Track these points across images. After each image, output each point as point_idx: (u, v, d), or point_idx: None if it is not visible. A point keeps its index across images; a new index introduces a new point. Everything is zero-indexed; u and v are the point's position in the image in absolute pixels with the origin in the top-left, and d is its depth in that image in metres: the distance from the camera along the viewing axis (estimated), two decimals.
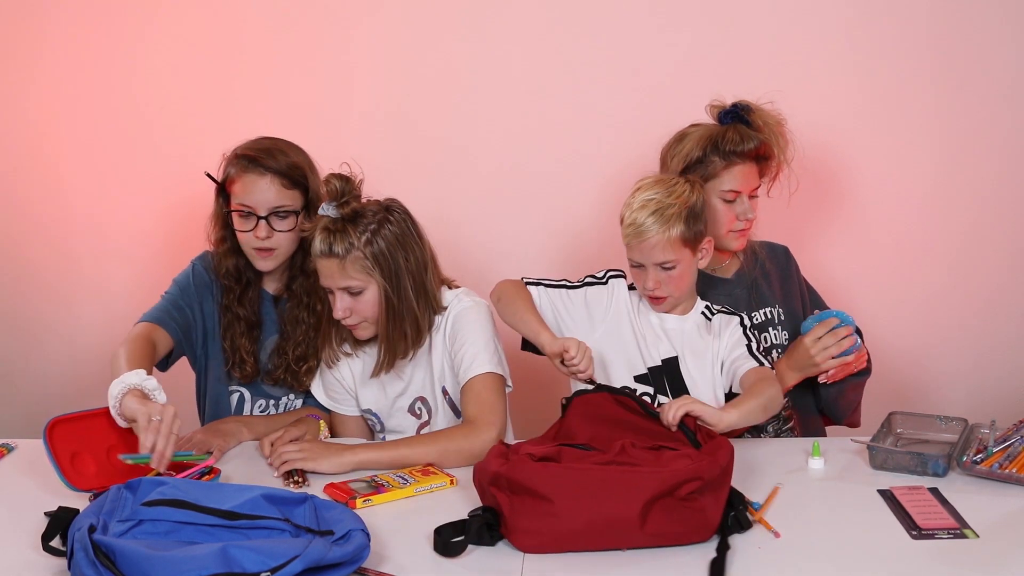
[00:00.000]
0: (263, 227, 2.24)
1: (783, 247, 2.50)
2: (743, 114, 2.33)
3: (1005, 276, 2.92)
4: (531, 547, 1.66)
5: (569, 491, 1.65)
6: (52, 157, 2.97)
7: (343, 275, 2.12)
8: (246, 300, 2.34)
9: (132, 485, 1.69)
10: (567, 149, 2.91)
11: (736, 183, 2.31)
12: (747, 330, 2.22)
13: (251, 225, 2.25)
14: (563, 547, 1.65)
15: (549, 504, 1.64)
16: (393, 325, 2.16)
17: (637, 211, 2.15)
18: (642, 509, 1.63)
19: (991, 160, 2.88)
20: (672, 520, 1.65)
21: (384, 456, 2.04)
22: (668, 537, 1.66)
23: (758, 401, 2.01)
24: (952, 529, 1.72)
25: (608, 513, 1.64)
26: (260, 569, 1.45)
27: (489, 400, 2.11)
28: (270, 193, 2.25)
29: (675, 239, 2.13)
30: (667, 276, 2.16)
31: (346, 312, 2.15)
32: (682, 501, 1.66)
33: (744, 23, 2.86)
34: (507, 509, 1.68)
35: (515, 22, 2.89)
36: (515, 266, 2.94)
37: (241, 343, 2.32)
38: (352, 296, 2.14)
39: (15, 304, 3.03)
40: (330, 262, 2.12)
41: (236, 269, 2.33)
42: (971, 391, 2.90)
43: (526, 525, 1.66)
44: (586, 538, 1.65)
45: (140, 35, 2.92)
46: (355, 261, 2.11)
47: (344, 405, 2.34)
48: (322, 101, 2.93)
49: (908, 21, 2.84)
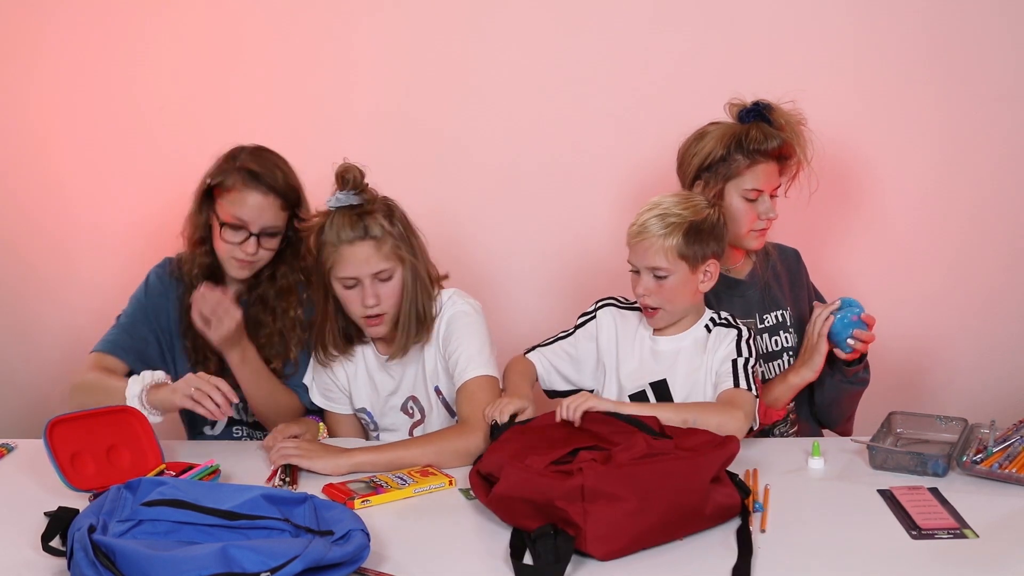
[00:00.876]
0: (252, 243, 2.24)
1: (793, 250, 2.50)
2: (765, 113, 2.31)
3: (1005, 276, 2.92)
4: (611, 552, 1.62)
5: (643, 488, 1.65)
6: (52, 158, 2.96)
7: (378, 258, 2.12)
8: None
9: (132, 485, 1.69)
10: (568, 148, 2.91)
11: (759, 182, 2.30)
12: (743, 342, 2.16)
13: (240, 239, 2.24)
14: (639, 545, 1.64)
15: (626, 504, 1.63)
16: (411, 308, 2.17)
17: (644, 212, 2.15)
18: (705, 493, 1.69)
19: (991, 160, 2.88)
20: (719, 500, 1.71)
21: (380, 459, 2.04)
22: (716, 517, 1.71)
23: (682, 415, 1.98)
24: (952, 529, 1.72)
25: (681, 502, 1.67)
26: (260, 569, 1.45)
27: (483, 401, 2.11)
28: (268, 213, 2.25)
29: (670, 248, 2.10)
30: (658, 286, 2.12)
31: (376, 300, 2.14)
32: (717, 483, 1.73)
33: (748, 24, 2.85)
34: (580, 519, 1.62)
35: (516, 21, 2.89)
36: (515, 266, 2.95)
37: (204, 341, 2.29)
38: (381, 283, 2.14)
39: (15, 304, 3.02)
40: (365, 246, 2.11)
41: (209, 269, 2.33)
42: (971, 391, 2.90)
43: (605, 531, 1.62)
44: (660, 532, 1.66)
45: (140, 35, 2.91)
46: (387, 243, 2.12)
47: (338, 404, 2.35)
48: (322, 100, 2.92)
49: (910, 22, 2.83)
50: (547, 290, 2.97)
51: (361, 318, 2.18)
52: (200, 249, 2.32)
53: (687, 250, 2.11)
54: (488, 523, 1.77)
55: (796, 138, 2.32)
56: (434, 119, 2.91)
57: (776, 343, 2.36)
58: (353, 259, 2.12)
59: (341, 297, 2.18)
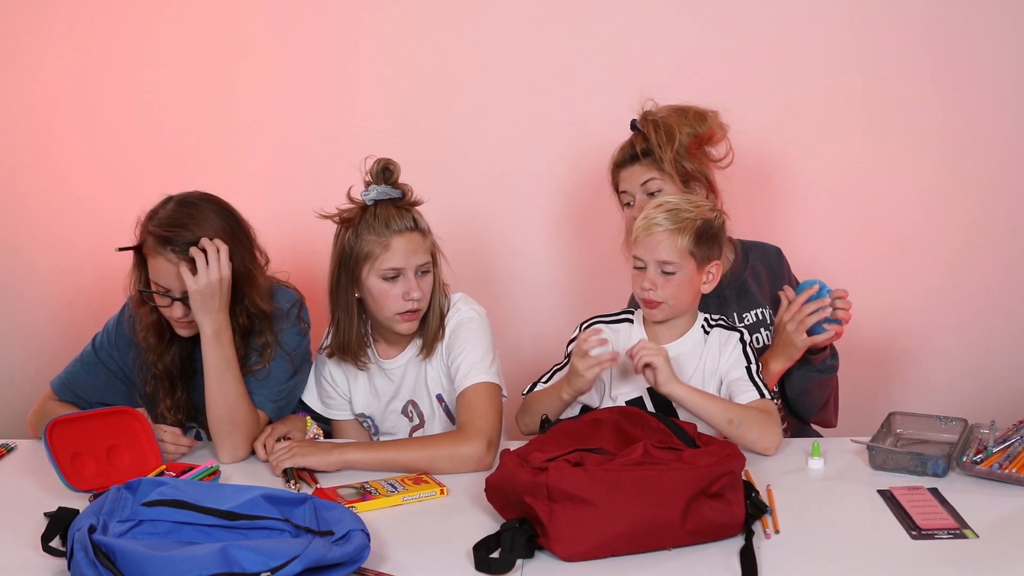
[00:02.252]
0: (178, 307, 2.14)
1: (775, 248, 2.50)
2: (635, 125, 2.40)
3: (1005, 276, 2.92)
4: (574, 555, 1.62)
5: (612, 494, 1.63)
6: (53, 158, 2.97)
7: (423, 250, 2.15)
8: (167, 356, 2.24)
9: (132, 485, 1.69)
10: (570, 147, 2.91)
11: (626, 185, 2.38)
12: (747, 347, 2.16)
13: (167, 303, 2.15)
14: (606, 552, 1.63)
15: (593, 508, 1.62)
16: (437, 306, 2.20)
17: (652, 209, 2.14)
18: (684, 507, 1.64)
19: (991, 160, 2.88)
20: (708, 517, 1.67)
21: (372, 457, 2.03)
22: (706, 534, 1.67)
23: (730, 415, 2.01)
24: (952, 529, 1.72)
25: (653, 513, 1.63)
26: (260, 569, 1.45)
27: (481, 408, 2.10)
28: (182, 279, 2.09)
29: (681, 243, 2.09)
30: (665, 280, 2.11)
31: (420, 292, 2.15)
32: (713, 497, 1.68)
33: (748, 24, 2.86)
34: (546, 517, 1.63)
35: (517, 21, 2.89)
36: (515, 265, 2.95)
37: (161, 400, 2.26)
38: (422, 276, 2.16)
39: (15, 304, 3.03)
40: (414, 237, 2.14)
41: (158, 327, 2.22)
42: (971, 391, 2.90)
43: (569, 532, 1.62)
44: (629, 541, 1.63)
45: (142, 35, 2.92)
46: (429, 237, 2.17)
47: (338, 411, 2.34)
48: (322, 100, 2.93)
49: (908, 20, 2.84)
50: (547, 291, 2.97)
51: (396, 314, 2.16)
52: (142, 309, 2.21)
53: (696, 249, 2.11)
54: (489, 523, 1.77)
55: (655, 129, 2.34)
56: (435, 118, 2.92)
57: (757, 340, 2.36)
58: (402, 249, 2.13)
59: (375, 293, 2.15)
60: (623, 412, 1.93)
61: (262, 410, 2.20)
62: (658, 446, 1.77)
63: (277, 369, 2.22)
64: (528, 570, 1.62)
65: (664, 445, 1.77)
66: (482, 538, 1.65)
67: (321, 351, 2.32)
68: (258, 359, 2.20)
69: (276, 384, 2.22)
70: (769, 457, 2.04)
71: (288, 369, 2.23)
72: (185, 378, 2.27)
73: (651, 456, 1.72)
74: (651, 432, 1.85)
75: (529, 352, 2.84)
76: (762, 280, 2.43)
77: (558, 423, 1.94)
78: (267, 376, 2.21)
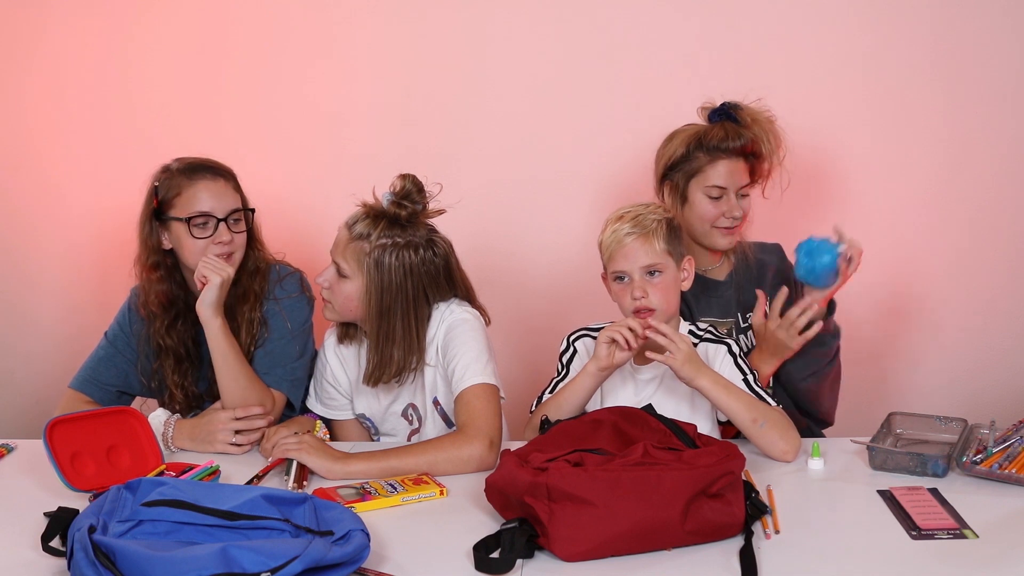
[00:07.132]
0: (224, 230, 2.22)
1: (775, 244, 2.49)
2: (731, 112, 2.34)
3: (1005, 276, 2.92)
4: (574, 555, 1.62)
5: (612, 494, 1.63)
6: (50, 159, 2.97)
7: (342, 251, 2.17)
8: (174, 331, 2.29)
9: (132, 485, 1.69)
10: (570, 147, 2.91)
11: (721, 179, 2.31)
12: (737, 359, 2.14)
13: (209, 232, 2.22)
14: (606, 552, 1.63)
15: (593, 508, 1.62)
16: (381, 345, 2.17)
17: (614, 223, 2.13)
18: (684, 507, 1.64)
19: (991, 161, 2.88)
20: (708, 517, 1.67)
21: (375, 467, 2.01)
22: (705, 534, 1.67)
23: (754, 414, 2.01)
24: (952, 529, 1.72)
25: (652, 514, 1.63)
26: (260, 569, 1.45)
27: (480, 409, 2.09)
28: (226, 195, 2.25)
29: (659, 244, 2.10)
30: (653, 285, 2.11)
31: (325, 283, 2.19)
32: (713, 498, 1.68)
33: (746, 23, 2.86)
34: (546, 517, 1.63)
35: (516, 23, 2.89)
36: (515, 265, 2.95)
37: (169, 376, 2.28)
38: (338, 275, 2.18)
39: (15, 305, 3.03)
40: (344, 233, 2.17)
41: (167, 297, 2.28)
42: (971, 392, 2.90)
43: (568, 533, 1.62)
44: (629, 541, 1.63)
45: (136, 37, 2.92)
46: (358, 250, 2.14)
47: (338, 411, 2.35)
48: (322, 100, 2.93)
49: (908, 21, 2.84)
50: (546, 291, 2.97)
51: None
52: (155, 275, 2.27)
53: (671, 247, 2.12)
54: (489, 523, 1.77)
55: (764, 135, 2.32)
56: (435, 118, 2.92)
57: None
58: (337, 237, 2.18)
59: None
60: (623, 412, 1.92)
61: (278, 389, 2.27)
62: (658, 446, 1.76)
63: (287, 345, 2.29)
64: (528, 570, 1.62)
65: (664, 445, 1.77)
66: (482, 538, 1.65)
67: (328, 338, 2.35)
68: (263, 329, 2.28)
69: (289, 361, 2.29)
70: (771, 459, 2.04)
71: (297, 343, 2.30)
72: (191, 360, 2.32)
73: (651, 456, 1.72)
74: (651, 432, 1.84)
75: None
76: (766, 280, 2.42)
77: (558, 423, 1.94)
78: (275, 350, 2.29)
